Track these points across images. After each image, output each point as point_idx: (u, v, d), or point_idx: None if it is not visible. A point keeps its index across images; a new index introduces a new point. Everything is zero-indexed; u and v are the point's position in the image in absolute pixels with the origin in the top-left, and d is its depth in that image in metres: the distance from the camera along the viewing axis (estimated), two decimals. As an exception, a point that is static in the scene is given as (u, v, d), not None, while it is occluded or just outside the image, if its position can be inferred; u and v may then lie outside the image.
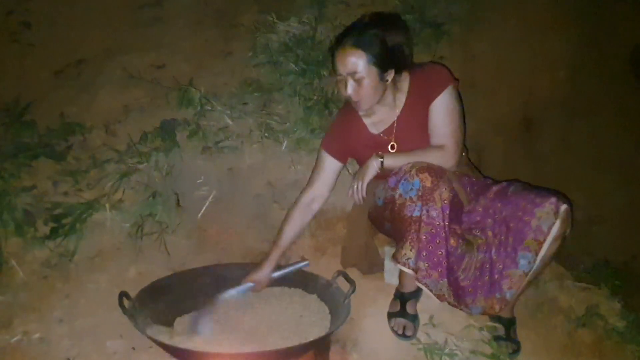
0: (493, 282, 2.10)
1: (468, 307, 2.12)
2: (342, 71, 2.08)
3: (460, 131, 2.18)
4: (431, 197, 1.98)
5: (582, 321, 2.36)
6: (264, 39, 3.24)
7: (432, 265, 2.04)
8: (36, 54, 3.29)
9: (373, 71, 2.07)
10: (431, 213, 1.99)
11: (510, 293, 2.08)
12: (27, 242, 2.42)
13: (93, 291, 2.30)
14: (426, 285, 2.05)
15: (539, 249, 2.02)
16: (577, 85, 3.74)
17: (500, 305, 2.09)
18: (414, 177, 2.01)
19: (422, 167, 2.02)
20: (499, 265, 2.09)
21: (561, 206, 1.99)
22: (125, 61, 3.20)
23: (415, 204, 2.00)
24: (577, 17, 3.74)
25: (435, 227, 2.00)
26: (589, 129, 3.79)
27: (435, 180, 1.99)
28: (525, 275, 2.06)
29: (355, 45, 2.04)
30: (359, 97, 2.11)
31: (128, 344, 2.09)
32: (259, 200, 2.72)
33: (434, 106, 2.16)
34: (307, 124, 2.88)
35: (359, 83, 2.07)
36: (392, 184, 2.09)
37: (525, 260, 2.04)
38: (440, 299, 2.08)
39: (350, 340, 2.18)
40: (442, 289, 2.06)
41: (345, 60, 2.06)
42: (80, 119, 2.95)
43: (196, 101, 2.93)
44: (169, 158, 2.70)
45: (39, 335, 2.12)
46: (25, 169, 2.65)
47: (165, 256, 2.47)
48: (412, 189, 2.01)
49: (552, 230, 2.00)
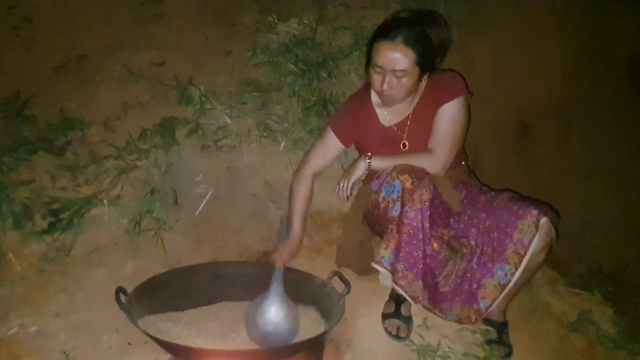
0: (471, 291, 2.10)
1: (443, 312, 2.12)
2: (384, 65, 2.06)
3: (457, 140, 2.20)
4: (411, 198, 2.00)
5: (574, 326, 2.38)
6: (264, 39, 3.24)
7: (408, 267, 2.05)
8: (37, 49, 3.28)
9: (416, 71, 2.08)
10: (410, 214, 2.00)
11: (484, 303, 2.07)
12: (25, 236, 2.42)
13: (90, 286, 2.31)
14: (401, 286, 2.07)
15: (519, 262, 2.01)
16: (574, 91, 3.77)
17: (476, 316, 2.09)
18: (395, 179, 2.03)
19: (403, 169, 2.05)
20: (478, 275, 2.09)
21: (542, 218, 1.97)
22: (125, 58, 3.20)
23: (395, 205, 2.03)
24: (575, 24, 3.77)
25: (413, 228, 2.01)
26: (584, 136, 3.81)
27: (415, 182, 2.01)
28: (502, 287, 2.05)
29: (405, 43, 2.03)
30: (393, 92, 2.12)
31: (124, 339, 2.10)
32: (256, 199, 2.73)
33: (440, 110, 2.18)
34: (306, 125, 2.89)
35: (399, 80, 2.08)
36: (375, 187, 2.12)
37: (502, 272, 2.04)
38: (415, 301, 2.09)
39: (344, 340, 2.19)
40: (417, 290, 2.07)
41: (391, 55, 2.04)
42: (79, 114, 2.96)
43: (196, 99, 2.93)
44: (168, 155, 2.70)
45: (35, 329, 2.13)
46: (24, 163, 2.65)
47: (162, 253, 2.48)
48: (393, 191, 2.04)
49: (533, 243, 1.98)
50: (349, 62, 3.11)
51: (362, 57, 3.09)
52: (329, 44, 3.20)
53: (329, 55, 3.13)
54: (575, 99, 3.75)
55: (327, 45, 3.19)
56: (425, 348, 2.14)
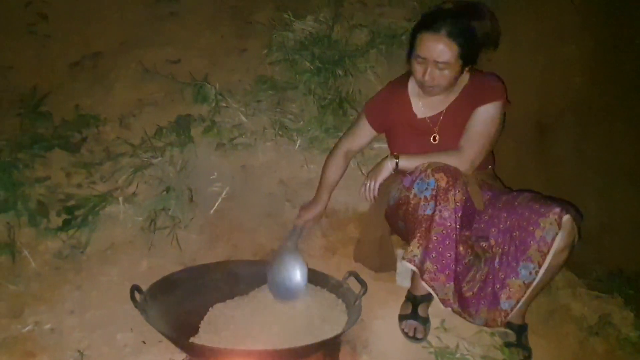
0: (495, 293, 2.08)
1: (472, 317, 2.12)
2: (428, 56, 2.05)
3: (487, 143, 2.19)
4: (445, 197, 1.97)
5: (594, 330, 2.34)
6: (280, 37, 3.23)
7: (440, 268, 2.03)
8: (52, 46, 3.30)
9: (458, 64, 2.07)
10: (444, 213, 1.98)
11: (509, 304, 2.06)
12: (40, 233, 2.43)
13: (104, 284, 2.31)
14: (433, 288, 2.04)
15: (542, 260, 2.00)
16: (593, 91, 3.71)
17: (501, 318, 2.08)
18: (430, 177, 2.00)
19: (438, 167, 2.02)
20: (501, 275, 2.08)
21: (564, 216, 1.96)
22: (140, 55, 3.20)
23: (428, 203, 2.00)
24: (594, 22, 3.71)
25: (446, 228, 1.99)
26: (603, 136, 3.75)
27: (450, 181, 1.98)
28: (526, 286, 2.04)
29: (450, 36, 2.02)
30: (434, 84, 2.10)
31: (139, 338, 2.09)
32: (271, 198, 2.72)
33: (478, 110, 2.17)
34: (321, 123, 2.88)
35: (441, 71, 2.06)
36: (407, 183, 2.08)
37: (526, 270, 2.02)
38: (445, 304, 2.07)
39: (360, 342, 2.17)
40: (449, 293, 2.05)
41: (436, 47, 2.03)
42: (95, 111, 2.97)
43: (211, 97, 2.93)
44: (183, 153, 2.70)
45: (50, 326, 2.13)
46: (39, 159, 2.67)
47: (176, 251, 2.47)
48: (427, 188, 2.00)
49: (556, 241, 1.97)
50: (365, 60, 3.09)
51: (379, 55, 3.12)
52: (346, 41, 3.18)
53: (346, 53, 3.11)
54: (594, 99, 3.69)
55: (344, 43, 3.17)
56: (443, 350, 2.11)
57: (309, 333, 2.04)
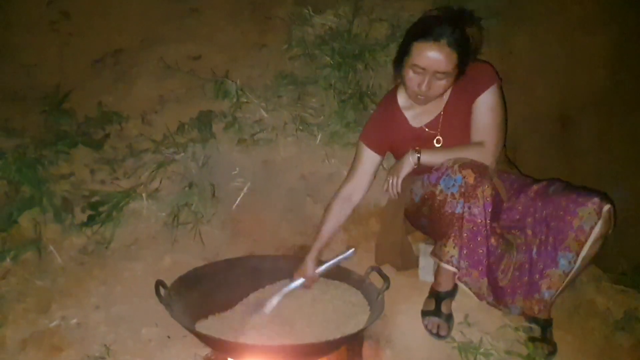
0: (532, 282, 2.08)
1: (507, 307, 2.11)
2: (428, 66, 1.99)
3: (501, 129, 2.16)
4: (474, 194, 1.96)
5: (620, 325, 2.31)
6: (300, 32, 3.23)
7: (472, 264, 2.02)
8: (75, 44, 3.33)
9: (455, 72, 2.04)
10: (473, 210, 1.97)
11: (549, 293, 2.06)
12: (65, 229, 2.46)
13: (129, 279, 2.33)
14: (466, 283, 2.04)
15: (580, 249, 1.99)
16: (616, 83, 3.66)
17: (539, 306, 2.08)
18: (457, 173, 1.98)
19: (464, 163, 2.00)
20: (540, 265, 2.07)
21: (604, 206, 1.95)
22: (161, 52, 3.22)
23: (457, 201, 1.98)
24: (619, 13, 3.65)
25: (476, 225, 1.98)
26: (627, 129, 3.69)
27: (478, 177, 1.96)
28: (565, 276, 2.03)
29: (449, 45, 1.97)
30: (430, 94, 2.07)
31: (163, 332, 2.11)
32: (293, 193, 2.72)
33: (477, 103, 2.13)
34: (342, 118, 2.87)
35: (439, 81, 2.03)
36: (434, 180, 2.06)
37: (565, 260, 2.02)
38: (480, 298, 2.06)
39: (383, 337, 2.17)
40: (482, 287, 2.05)
41: (437, 56, 1.98)
42: (117, 108, 2.99)
43: (232, 93, 2.93)
44: (205, 149, 2.71)
45: (76, 321, 2.16)
46: (63, 156, 2.69)
47: (199, 246, 2.49)
48: (454, 185, 1.99)
49: (595, 230, 1.96)
50: (385, 54, 3.06)
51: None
52: (366, 36, 3.16)
53: (366, 47, 3.09)
54: (618, 92, 3.63)
55: (364, 37, 3.15)
56: (467, 345, 2.10)
57: (334, 328, 2.04)
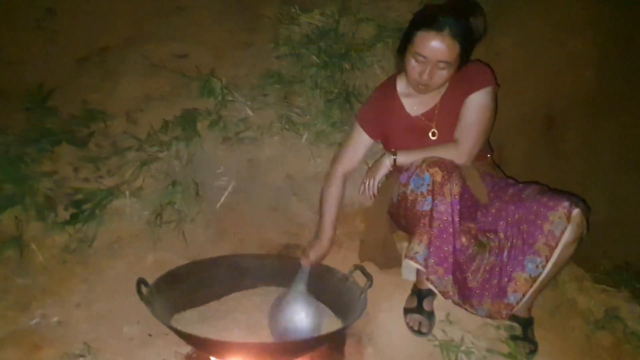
0: (501, 285, 2.07)
1: (474, 308, 2.09)
2: (430, 55, 2.00)
3: (484, 131, 2.17)
4: (441, 191, 1.97)
5: (600, 324, 2.33)
6: (287, 31, 3.22)
7: (438, 261, 2.02)
8: (60, 41, 3.30)
9: (457, 63, 2.05)
10: (440, 207, 1.98)
11: (515, 297, 2.04)
12: (48, 227, 2.44)
13: (111, 277, 2.32)
14: (432, 282, 2.04)
15: (550, 254, 1.98)
16: (603, 85, 3.67)
17: (506, 311, 2.06)
18: (425, 172, 1.99)
19: (432, 161, 2.01)
20: (508, 268, 2.07)
21: (573, 210, 1.94)
22: (147, 50, 3.20)
23: (426, 199, 1.99)
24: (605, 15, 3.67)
25: (443, 222, 1.99)
26: (613, 130, 3.71)
27: (445, 175, 1.97)
28: (533, 280, 2.02)
29: (452, 35, 1.97)
30: (432, 83, 2.08)
31: (145, 330, 2.11)
32: (278, 192, 2.72)
33: (469, 99, 2.15)
34: (328, 117, 2.88)
35: (441, 71, 2.04)
36: (404, 180, 2.08)
37: (533, 264, 2.01)
38: (445, 296, 2.06)
39: (365, 335, 2.18)
40: (447, 285, 2.04)
41: (439, 46, 1.98)
42: (102, 106, 2.97)
43: (217, 91, 2.93)
44: (190, 147, 2.70)
45: (57, 319, 2.15)
46: (47, 154, 2.67)
47: (183, 244, 2.48)
48: (422, 184, 2.00)
49: (565, 234, 1.96)
50: (372, 54, 3.07)
51: (386, 49, 3.09)
52: (352, 35, 3.16)
53: (352, 47, 3.10)
54: (604, 93, 3.65)
55: (350, 37, 3.16)
56: (448, 343, 2.11)
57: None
